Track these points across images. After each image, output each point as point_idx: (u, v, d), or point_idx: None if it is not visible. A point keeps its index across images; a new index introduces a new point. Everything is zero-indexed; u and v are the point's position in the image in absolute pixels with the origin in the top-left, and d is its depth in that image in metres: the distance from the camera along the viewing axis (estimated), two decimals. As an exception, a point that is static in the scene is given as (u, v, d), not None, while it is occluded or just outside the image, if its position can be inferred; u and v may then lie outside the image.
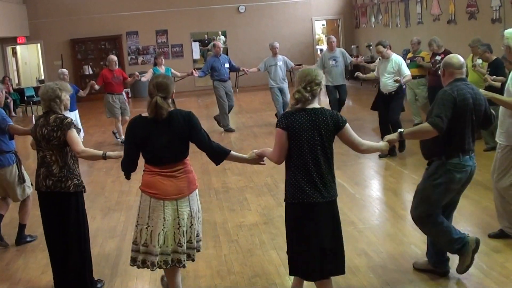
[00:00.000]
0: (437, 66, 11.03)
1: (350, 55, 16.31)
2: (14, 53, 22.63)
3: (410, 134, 4.80)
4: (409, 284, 4.83)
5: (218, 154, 4.51)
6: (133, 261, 4.49)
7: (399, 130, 4.71)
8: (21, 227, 6.49)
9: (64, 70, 11.49)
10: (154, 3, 21.30)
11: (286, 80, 12.94)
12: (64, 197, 4.89)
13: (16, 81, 22.14)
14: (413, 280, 4.87)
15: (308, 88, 4.10)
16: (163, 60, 12.53)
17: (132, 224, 6.88)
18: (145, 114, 4.37)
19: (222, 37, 22.45)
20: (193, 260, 4.54)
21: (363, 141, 4.35)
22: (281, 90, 12.77)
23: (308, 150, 4.08)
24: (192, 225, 4.44)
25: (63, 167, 4.87)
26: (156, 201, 4.36)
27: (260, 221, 6.69)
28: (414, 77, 11.13)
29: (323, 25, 24.72)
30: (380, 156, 9.15)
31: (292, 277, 4.49)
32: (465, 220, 6.25)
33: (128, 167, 4.53)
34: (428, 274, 4.94)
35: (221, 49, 13.17)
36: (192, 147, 4.47)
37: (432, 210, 4.70)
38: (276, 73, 12.66)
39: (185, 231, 4.38)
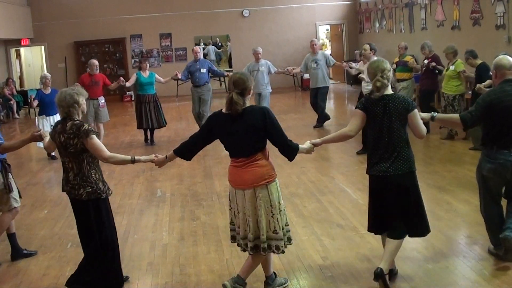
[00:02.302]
0: (423, 69, 11.28)
1: (353, 61, 16.33)
2: (18, 55, 22.67)
3: (441, 120, 5.32)
4: (411, 290, 4.82)
5: (292, 150, 4.69)
6: (233, 239, 4.89)
7: (433, 113, 5.11)
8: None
9: (47, 73, 11.49)
10: (158, 6, 21.33)
11: (269, 86, 12.89)
12: (81, 204, 4.90)
13: (20, 83, 22.17)
14: (414, 286, 4.86)
15: (384, 76, 4.64)
16: (148, 65, 12.64)
17: (135, 227, 6.92)
18: (225, 109, 4.59)
19: (213, 47, 22.50)
20: (273, 251, 4.65)
21: (424, 128, 4.79)
22: (260, 95, 12.77)
23: (379, 131, 4.67)
24: (258, 216, 4.54)
25: (77, 175, 4.82)
26: (231, 188, 4.71)
27: (262, 225, 6.66)
28: (399, 80, 11.36)
29: (327, 30, 24.72)
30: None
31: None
32: (468, 227, 6.24)
33: (187, 150, 4.79)
34: (434, 282, 4.92)
35: (198, 54, 13.04)
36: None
37: (483, 196, 5.32)
38: (257, 78, 12.55)
39: (250, 221, 4.57)
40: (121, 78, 12.46)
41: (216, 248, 6.02)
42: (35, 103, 11.12)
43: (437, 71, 11.09)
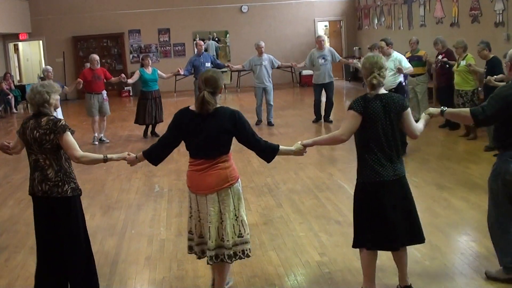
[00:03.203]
0: (439, 65, 11.18)
1: (353, 57, 16.34)
2: (16, 49, 22.64)
3: (450, 114, 4.92)
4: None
5: (269, 152, 4.55)
6: (190, 249, 4.67)
7: (442, 108, 4.81)
8: None
9: (48, 67, 11.53)
10: (156, 1, 21.31)
11: (271, 81, 13.05)
12: (62, 202, 4.63)
13: (18, 78, 22.13)
14: (413, 283, 4.84)
15: (381, 74, 4.40)
16: (150, 61, 12.70)
17: (132, 222, 6.92)
18: (193, 107, 4.41)
19: (213, 42, 22.56)
20: (226, 261, 4.47)
21: (418, 127, 4.60)
22: (265, 90, 12.89)
23: (382, 133, 4.35)
24: (222, 221, 4.40)
25: (58, 171, 4.60)
26: (191, 193, 4.51)
27: (260, 221, 6.67)
28: (413, 75, 11.32)
29: (325, 26, 24.70)
30: None
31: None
32: (466, 224, 6.24)
33: (155, 154, 4.59)
34: (431, 279, 4.93)
35: (202, 47, 13.22)
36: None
37: (500, 210, 4.67)
38: (261, 73, 12.82)
39: (210, 228, 4.38)
40: (123, 75, 12.58)
41: (214, 244, 6.01)
42: None
43: (447, 66, 10.99)
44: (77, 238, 4.73)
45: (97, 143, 12.05)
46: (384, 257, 4.90)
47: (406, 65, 9.54)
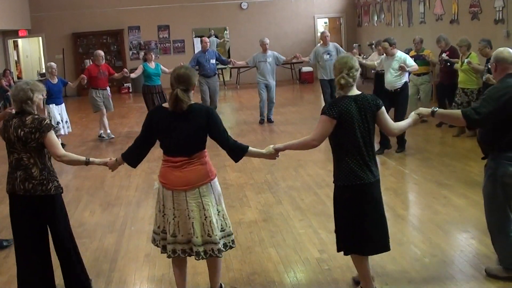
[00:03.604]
0: (443, 63, 11.16)
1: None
2: (16, 46, 22.60)
3: (441, 115, 4.83)
4: (408, 284, 4.81)
5: (237, 151, 4.55)
6: (154, 241, 4.64)
7: (433, 108, 4.73)
8: None
9: (52, 63, 11.54)
10: (156, -2, 21.29)
11: (275, 78, 13.08)
12: (46, 200, 4.62)
13: (17, 74, 22.10)
14: (412, 281, 4.86)
15: (350, 74, 4.35)
16: (153, 56, 12.80)
17: (132, 219, 6.92)
18: (166, 105, 4.37)
19: (215, 39, 22.55)
20: (217, 256, 4.44)
21: (395, 125, 4.59)
22: (267, 86, 12.92)
23: (360, 135, 4.33)
24: (206, 217, 4.37)
25: (43, 169, 4.59)
26: (166, 190, 4.41)
27: (259, 218, 6.68)
28: (418, 74, 11.29)
29: (325, 23, 24.67)
30: (377, 152, 9.19)
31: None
32: (466, 221, 6.24)
33: (132, 155, 4.57)
34: (431, 276, 4.93)
35: (208, 44, 13.26)
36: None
37: (501, 213, 4.64)
38: (265, 69, 12.85)
39: (194, 223, 4.35)
40: (125, 69, 12.64)
41: (213, 241, 6.01)
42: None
43: (449, 64, 10.96)
44: (65, 234, 4.76)
45: (107, 138, 12.02)
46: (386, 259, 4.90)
47: (411, 63, 9.49)
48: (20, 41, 22.76)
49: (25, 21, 20.59)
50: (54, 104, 11.06)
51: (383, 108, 4.44)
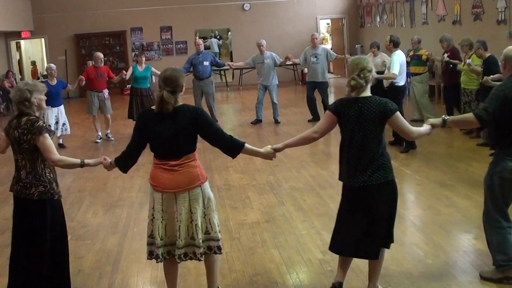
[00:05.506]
0: (444, 64, 11.14)
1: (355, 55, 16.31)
2: (18, 47, 22.62)
3: (454, 122, 4.91)
4: (411, 285, 4.81)
5: (233, 148, 4.51)
6: (151, 255, 4.47)
7: (443, 117, 4.67)
8: None
9: (52, 65, 11.54)
10: (159, -1, 21.31)
11: (275, 79, 13.12)
12: (30, 204, 4.57)
13: (20, 76, 22.12)
14: (414, 282, 4.86)
15: (362, 75, 4.30)
16: (144, 59, 12.87)
17: (134, 220, 6.92)
18: (154, 107, 4.37)
19: (215, 39, 22.55)
20: (198, 259, 4.43)
21: (413, 129, 4.49)
22: (267, 88, 12.96)
23: (349, 138, 4.35)
24: (192, 220, 4.36)
25: (29, 173, 4.54)
26: (156, 193, 4.37)
27: (262, 219, 6.67)
28: (415, 74, 11.30)
29: (327, 24, 24.68)
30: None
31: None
32: (469, 222, 6.24)
33: (124, 160, 4.52)
34: (434, 277, 4.92)
35: (201, 46, 13.19)
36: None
37: (496, 207, 4.69)
38: (262, 70, 12.93)
39: (180, 227, 4.33)
40: (124, 71, 12.58)
41: (216, 242, 6.01)
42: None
43: (451, 65, 10.94)
44: (38, 241, 4.59)
45: (99, 141, 12.04)
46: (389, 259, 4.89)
47: (392, 69, 9.26)
48: (22, 42, 22.77)
49: (27, 23, 20.62)
50: (50, 106, 10.97)
51: (396, 114, 4.27)
